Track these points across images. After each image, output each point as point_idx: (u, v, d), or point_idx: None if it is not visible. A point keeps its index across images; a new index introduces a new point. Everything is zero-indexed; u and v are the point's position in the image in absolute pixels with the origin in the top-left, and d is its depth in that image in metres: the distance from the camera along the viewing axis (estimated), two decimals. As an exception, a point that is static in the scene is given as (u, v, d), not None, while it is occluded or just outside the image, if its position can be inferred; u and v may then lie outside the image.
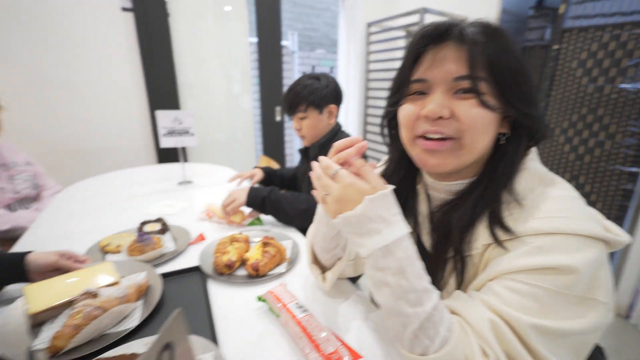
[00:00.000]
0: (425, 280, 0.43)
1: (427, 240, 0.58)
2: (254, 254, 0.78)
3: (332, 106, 1.20)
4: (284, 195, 1.04)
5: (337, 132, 1.23)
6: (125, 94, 2.11)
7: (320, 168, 0.50)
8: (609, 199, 1.80)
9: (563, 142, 1.92)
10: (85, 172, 1.74)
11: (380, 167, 0.67)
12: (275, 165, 1.77)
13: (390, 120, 0.59)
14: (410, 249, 0.44)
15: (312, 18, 5.59)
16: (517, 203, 0.46)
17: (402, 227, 0.44)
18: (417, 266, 0.43)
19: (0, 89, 1.27)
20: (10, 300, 0.65)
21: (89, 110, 2.02)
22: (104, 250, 0.85)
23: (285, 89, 1.27)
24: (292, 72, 4.56)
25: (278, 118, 2.72)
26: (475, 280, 0.48)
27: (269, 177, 1.42)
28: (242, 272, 0.77)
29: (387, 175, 0.63)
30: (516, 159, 0.49)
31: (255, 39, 2.45)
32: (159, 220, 0.96)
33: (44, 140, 1.93)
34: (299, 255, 0.84)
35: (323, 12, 5.64)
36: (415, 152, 0.52)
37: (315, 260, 0.70)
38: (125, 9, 1.98)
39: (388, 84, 0.57)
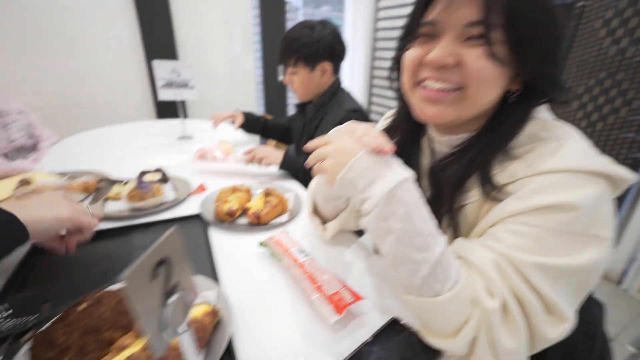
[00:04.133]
0: (431, 224, 0.41)
1: (426, 196, 0.57)
2: (256, 204, 0.76)
3: (326, 64, 1.08)
4: None
5: (335, 92, 1.13)
6: (121, 45, 2.00)
7: (314, 143, 0.50)
8: (617, 168, 1.76)
9: (577, 108, 1.85)
10: (81, 127, 1.69)
11: (386, 120, 0.64)
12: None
13: (399, 67, 0.55)
14: (415, 192, 0.42)
15: (319, -28, 5.24)
16: (513, 159, 0.45)
17: (405, 171, 0.42)
18: (424, 210, 0.41)
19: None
20: None
21: (83, 62, 1.94)
22: (104, 198, 0.83)
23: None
24: (296, 31, 4.34)
25: (280, 77, 2.62)
26: (475, 229, 0.48)
27: (250, 124, 1.38)
28: (243, 220, 0.76)
29: (392, 129, 0.61)
30: (522, 121, 0.46)
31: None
32: (158, 170, 0.94)
33: (39, 92, 1.86)
34: (301, 208, 0.83)
35: (330, -34, 5.27)
36: (415, 100, 0.50)
37: (316, 211, 0.69)
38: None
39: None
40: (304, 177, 1.03)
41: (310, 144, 0.50)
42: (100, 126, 1.65)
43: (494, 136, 0.47)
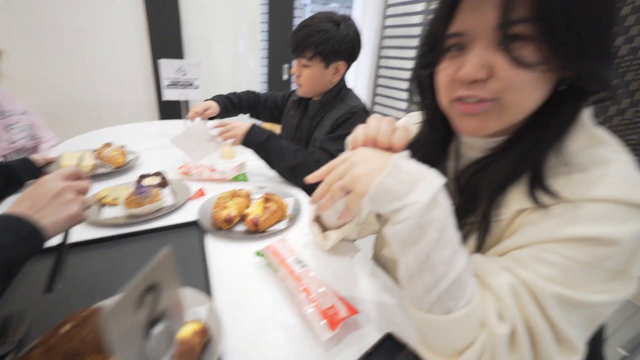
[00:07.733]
0: (458, 233, 0.38)
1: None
2: (255, 210, 0.75)
3: (341, 63, 1.06)
4: (279, 146, 0.99)
5: (339, 91, 1.11)
6: (126, 42, 2.00)
7: (324, 169, 0.45)
8: None
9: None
10: (85, 127, 1.69)
11: (414, 124, 0.61)
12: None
13: (421, 82, 0.51)
14: (447, 198, 0.38)
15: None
16: (565, 165, 0.40)
17: (439, 176, 0.38)
18: (452, 218, 0.38)
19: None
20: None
21: (87, 60, 1.94)
22: (101, 203, 0.83)
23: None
24: (300, 29, 4.31)
25: (285, 77, 2.60)
26: (498, 246, 0.44)
27: (227, 110, 1.31)
28: (241, 227, 0.75)
29: (422, 140, 0.56)
30: (573, 115, 0.41)
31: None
32: (158, 174, 0.93)
33: (43, 91, 1.87)
34: (301, 213, 0.82)
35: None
36: (453, 117, 0.46)
37: (317, 218, 0.68)
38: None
39: (405, 41, 0.49)
40: (263, 152, 1.00)
41: (319, 172, 0.46)
42: (103, 127, 1.65)
43: (544, 131, 0.41)
